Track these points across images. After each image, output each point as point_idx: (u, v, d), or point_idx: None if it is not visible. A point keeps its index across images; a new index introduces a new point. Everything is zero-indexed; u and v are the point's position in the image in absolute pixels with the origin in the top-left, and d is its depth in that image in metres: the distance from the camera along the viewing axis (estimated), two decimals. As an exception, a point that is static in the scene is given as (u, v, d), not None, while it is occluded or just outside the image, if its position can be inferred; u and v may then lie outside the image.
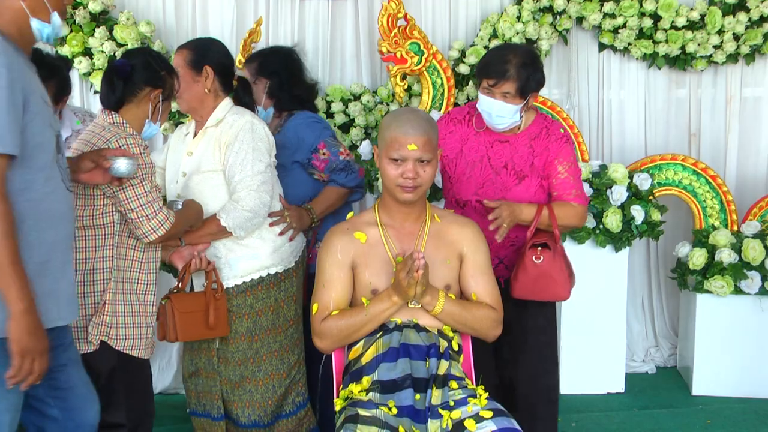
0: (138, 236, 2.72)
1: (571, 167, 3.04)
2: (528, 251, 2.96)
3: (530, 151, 3.05)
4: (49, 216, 2.21)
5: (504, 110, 2.95)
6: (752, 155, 4.96)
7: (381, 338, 2.56)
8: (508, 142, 3.06)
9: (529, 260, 2.96)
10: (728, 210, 4.51)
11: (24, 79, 2.11)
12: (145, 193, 2.68)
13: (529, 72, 2.93)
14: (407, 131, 2.52)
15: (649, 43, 4.73)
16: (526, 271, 2.97)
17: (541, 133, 3.05)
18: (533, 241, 2.97)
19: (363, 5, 4.65)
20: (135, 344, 2.77)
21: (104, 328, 2.70)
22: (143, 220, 2.68)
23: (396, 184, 2.57)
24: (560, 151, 3.03)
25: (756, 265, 4.25)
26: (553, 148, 3.03)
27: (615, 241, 4.24)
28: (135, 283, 2.79)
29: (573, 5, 4.62)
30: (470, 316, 2.62)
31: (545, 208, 2.98)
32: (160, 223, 2.71)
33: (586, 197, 3.12)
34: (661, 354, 4.96)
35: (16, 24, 2.17)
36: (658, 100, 4.94)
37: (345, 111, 4.50)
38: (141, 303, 2.80)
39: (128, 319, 2.75)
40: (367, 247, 2.64)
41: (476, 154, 3.09)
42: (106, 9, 4.33)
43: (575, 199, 3.04)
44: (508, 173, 3.06)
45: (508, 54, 2.95)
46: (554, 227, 2.98)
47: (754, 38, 4.71)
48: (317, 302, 2.62)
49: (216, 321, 2.96)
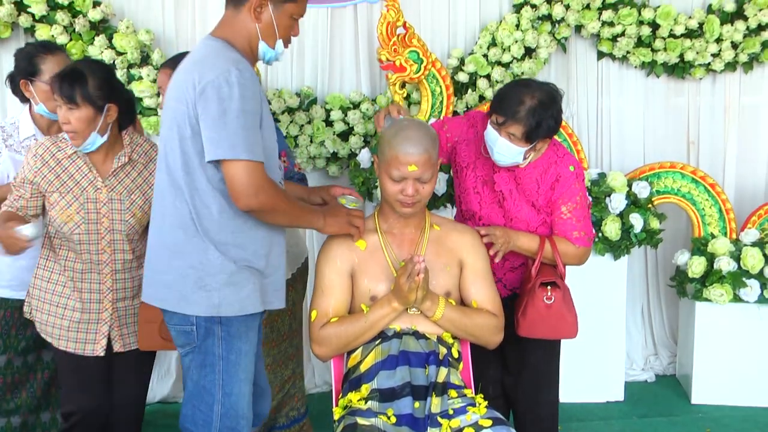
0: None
1: (576, 209, 2.91)
2: (538, 290, 2.86)
3: (536, 186, 2.93)
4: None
5: (506, 149, 2.81)
6: (751, 163, 4.97)
7: (380, 345, 2.56)
8: (514, 172, 2.93)
9: (540, 300, 2.85)
10: (727, 218, 4.51)
11: (261, 94, 2.42)
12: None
13: (541, 117, 2.73)
14: (408, 150, 2.51)
15: (647, 51, 4.74)
16: (537, 312, 2.86)
17: (549, 169, 2.91)
18: (540, 279, 2.87)
19: (362, 13, 4.66)
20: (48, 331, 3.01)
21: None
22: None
23: (395, 199, 2.58)
24: (565, 193, 2.89)
25: (755, 274, 4.25)
26: (558, 188, 2.90)
27: (614, 249, 4.24)
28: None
29: (572, 13, 4.63)
30: (470, 322, 2.61)
31: (547, 242, 2.90)
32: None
33: (590, 238, 2.97)
34: (661, 362, 4.95)
35: (249, 43, 2.48)
36: (657, 108, 4.94)
37: (344, 119, 4.50)
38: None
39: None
40: (367, 254, 2.64)
41: (483, 173, 3.01)
42: (106, 17, 4.34)
43: (576, 241, 2.93)
44: (513, 202, 2.96)
45: (524, 94, 2.76)
46: (558, 263, 2.91)
47: (752, 47, 4.72)
48: (316, 309, 2.62)
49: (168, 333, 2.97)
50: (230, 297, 2.45)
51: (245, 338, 2.51)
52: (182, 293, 2.45)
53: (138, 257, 2.99)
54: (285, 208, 2.42)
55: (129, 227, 2.95)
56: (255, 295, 2.49)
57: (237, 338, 2.49)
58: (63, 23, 4.21)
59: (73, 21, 4.24)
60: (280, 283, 2.59)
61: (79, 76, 2.79)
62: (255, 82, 2.39)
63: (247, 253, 2.46)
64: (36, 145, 2.94)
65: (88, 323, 2.97)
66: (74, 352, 2.97)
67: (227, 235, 2.43)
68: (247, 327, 2.51)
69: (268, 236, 2.50)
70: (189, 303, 2.45)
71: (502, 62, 4.59)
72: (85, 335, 2.97)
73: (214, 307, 2.44)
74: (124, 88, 3.05)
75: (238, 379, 2.51)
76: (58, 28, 4.20)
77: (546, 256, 2.91)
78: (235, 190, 2.34)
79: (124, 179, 2.97)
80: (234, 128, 2.30)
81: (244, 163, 2.30)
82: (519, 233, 2.91)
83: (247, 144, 2.31)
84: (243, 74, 2.34)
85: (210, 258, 2.43)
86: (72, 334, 2.97)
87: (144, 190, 2.99)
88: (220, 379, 2.49)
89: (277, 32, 2.49)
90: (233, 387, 2.50)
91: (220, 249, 2.42)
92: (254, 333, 2.56)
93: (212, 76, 2.32)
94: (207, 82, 2.32)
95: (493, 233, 2.82)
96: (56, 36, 4.20)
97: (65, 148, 2.92)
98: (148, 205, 2.94)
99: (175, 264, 2.47)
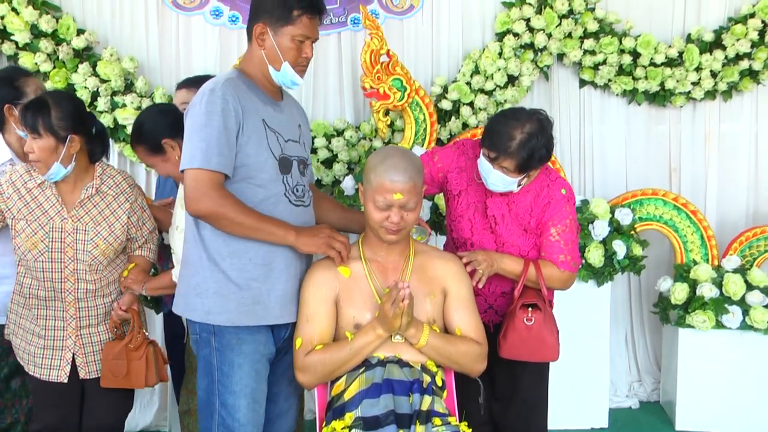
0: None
1: (565, 231, 2.93)
2: (519, 312, 2.88)
3: (529, 210, 2.96)
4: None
5: (500, 180, 2.84)
6: (732, 190, 5.01)
7: (364, 374, 2.55)
8: (507, 197, 2.96)
9: (520, 322, 2.87)
10: (709, 245, 4.54)
11: (242, 109, 2.52)
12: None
13: (533, 148, 2.75)
14: (393, 178, 2.52)
15: (628, 80, 4.79)
16: (516, 333, 2.88)
17: (541, 192, 2.95)
18: (522, 300, 2.90)
19: (346, 41, 4.69)
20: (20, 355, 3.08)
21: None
22: None
23: (380, 226, 2.58)
24: (556, 214, 2.92)
25: (737, 300, 4.27)
26: (550, 209, 2.92)
27: (597, 275, 4.26)
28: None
29: (554, 42, 4.67)
30: (454, 350, 2.61)
31: (531, 265, 2.91)
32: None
33: (576, 264, 2.98)
34: (645, 389, 4.96)
35: (261, 70, 2.65)
36: (639, 135, 4.98)
37: (328, 146, 4.51)
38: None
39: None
40: (351, 282, 2.64)
41: (476, 199, 3.03)
42: (90, 45, 4.34)
43: (561, 265, 2.93)
44: (505, 227, 2.98)
45: (513, 127, 2.77)
46: (542, 286, 2.91)
47: (731, 75, 4.78)
48: (300, 337, 2.61)
49: (130, 371, 3.04)
50: (218, 307, 2.57)
51: (237, 351, 2.58)
52: (186, 299, 2.65)
53: (103, 286, 3.04)
54: (234, 218, 2.49)
55: (92, 258, 2.98)
56: (246, 308, 2.56)
57: (229, 350, 2.58)
58: (47, 51, 4.21)
59: (57, 49, 4.24)
60: (283, 296, 2.63)
61: (42, 107, 2.84)
62: (235, 99, 2.51)
63: (242, 262, 2.56)
64: (11, 171, 3.00)
65: (53, 350, 3.01)
66: (39, 377, 3.01)
67: (220, 244, 2.55)
68: (239, 340, 2.58)
69: (267, 247, 2.58)
70: (189, 308, 2.63)
71: (485, 90, 4.63)
72: (50, 361, 3.01)
73: (206, 313, 2.58)
74: (94, 120, 3.07)
75: (231, 391, 2.58)
76: (41, 55, 4.20)
77: (531, 279, 2.92)
78: (185, 197, 2.51)
79: (91, 210, 2.99)
80: (195, 141, 2.47)
81: (194, 171, 2.47)
82: (503, 255, 2.93)
83: (204, 155, 2.46)
84: (215, 93, 2.49)
85: (204, 266, 2.57)
86: (38, 360, 3.01)
87: (111, 222, 3.02)
88: (215, 388, 2.61)
89: (280, 55, 2.59)
90: (227, 398, 2.59)
91: (213, 258, 2.56)
92: (249, 347, 2.60)
93: (195, 97, 2.56)
94: (190, 104, 2.57)
95: (474, 258, 2.83)
96: (39, 63, 4.20)
97: (36, 177, 2.96)
98: (113, 237, 3.02)
99: (183, 272, 2.69)
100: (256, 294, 2.58)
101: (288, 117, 2.74)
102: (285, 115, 2.73)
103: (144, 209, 3.15)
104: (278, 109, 2.70)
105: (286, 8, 2.56)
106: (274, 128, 2.64)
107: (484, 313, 3.06)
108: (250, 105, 2.57)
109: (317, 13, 2.61)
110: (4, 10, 4.14)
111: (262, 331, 2.63)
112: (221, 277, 2.56)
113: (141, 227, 3.13)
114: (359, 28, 4.62)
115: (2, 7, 4.14)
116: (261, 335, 2.63)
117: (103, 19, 4.47)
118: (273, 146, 2.61)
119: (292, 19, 2.56)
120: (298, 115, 2.85)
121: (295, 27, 2.57)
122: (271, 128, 2.63)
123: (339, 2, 4.65)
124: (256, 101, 2.61)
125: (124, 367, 3.03)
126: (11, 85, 3.20)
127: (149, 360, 3.08)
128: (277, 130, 2.65)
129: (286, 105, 2.78)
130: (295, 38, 2.58)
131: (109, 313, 3.09)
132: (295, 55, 2.60)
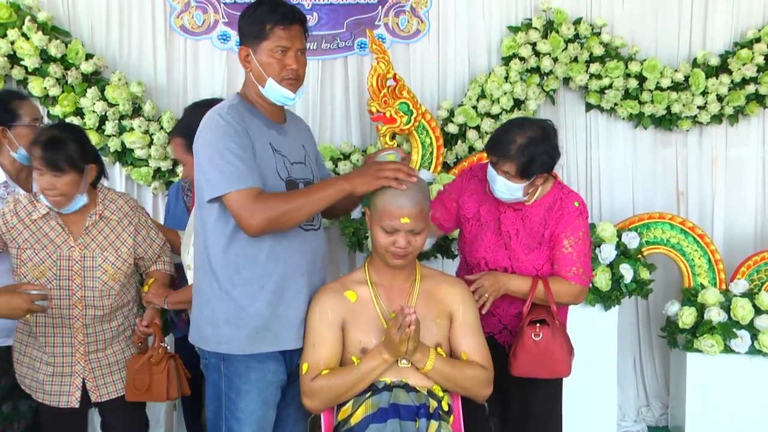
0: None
1: (578, 243, 2.94)
2: (527, 328, 2.89)
3: (542, 223, 2.97)
4: (275, 249, 2.58)
5: (505, 187, 2.88)
6: (739, 214, 5.00)
7: (370, 398, 2.54)
8: (521, 211, 3.00)
9: (528, 338, 2.88)
10: (716, 269, 4.52)
11: (249, 130, 2.55)
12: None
13: (533, 154, 2.81)
14: (400, 203, 2.52)
15: (635, 104, 4.79)
16: (525, 349, 2.89)
17: (554, 205, 2.97)
18: (531, 317, 2.91)
19: (352, 65, 4.72)
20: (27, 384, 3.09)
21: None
22: None
23: (387, 250, 2.58)
24: (569, 225, 2.93)
25: (745, 324, 4.25)
26: (563, 221, 2.94)
27: (604, 299, 4.24)
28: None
29: (560, 66, 4.69)
30: (460, 374, 2.60)
31: (540, 282, 2.92)
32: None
33: (588, 277, 2.99)
34: (653, 413, 4.92)
35: (254, 91, 2.67)
36: (646, 159, 4.98)
37: (335, 170, 4.53)
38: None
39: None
40: (357, 306, 2.63)
41: (490, 217, 3.06)
42: (98, 69, 4.38)
43: (573, 278, 2.95)
44: (519, 242, 2.99)
45: (515, 132, 2.84)
46: (551, 302, 2.92)
47: (737, 100, 4.79)
48: (307, 362, 2.60)
49: (152, 384, 3.05)
50: (228, 335, 2.58)
51: (245, 378, 2.59)
52: (199, 328, 2.67)
53: (112, 311, 3.05)
54: (288, 210, 2.50)
55: (101, 284, 3.00)
56: (257, 335, 2.58)
57: (237, 377, 2.60)
58: (56, 75, 4.24)
59: (66, 73, 4.27)
60: (293, 322, 2.64)
61: (58, 142, 2.84)
62: (241, 124, 2.53)
63: (253, 290, 2.57)
64: (15, 201, 2.99)
65: (62, 376, 3.01)
66: (50, 404, 3.00)
67: (232, 272, 2.56)
68: (247, 367, 2.59)
69: (277, 272, 2.59)
70: (202, 338, 2.66)
71: (491, 114, 4.64)
72: (59, 387, 3.01)
73: (217, 343, 2.61)
74: (93, 145, 3.12)
75: (237, 417, 2.59)
76: (50, 80, 4.23)
77: (539, 297, 2.93)
78: (237, 220, 2.50)
79: (96, 236, 3.01)
80: (221, 165, 2.47)
81: (233, 194, 2.47)
82: (510, 276, 2.95)
83: (237, 176, 2.47)
84: (223, 117, 2.52)
85: (215, 296, 2.59)
86: (47, 387, 3.01)
87: (117, 246, 3.03)
88: (223, 413, 2.63)
89: (263, 72, 2.60)
90: (233, 424, 2.61)
91: (224, 287, 2.57)
92: (257, 374, 2.61)
93: (202, 125, 2.59)
94: (199, 131, 2.58)
95: (480, 284, 2.86)
96: (48, 88, 4.23)
97: (40, 209, 2.96)
98: (120, 261, 3.03)
99: (196, 301, 2.70)
100: (267, 321, 2.59)
101: (293, 139, 2.75)
102: (289, 137, 2.73)
103: (150, 226, 3.18)
104: (282, 132, 2.71)
105: (259, 25, 2.57)
106: (280, 151, 2.65)
107: (499, 334, 3.06)
108: (255, 129, 2.59)
109: (291, 23, 2.59)
110: (14, 35, 4.18)
111: (272, 358, 2.63)
112: (232, 306, 2.57)
113: (151, 244, 3.15)
114: (366, 53, 4.64)
115: (12, 33, 4.18)
116: (270, 363, 2.62)
117: (111, 43, 4.51)
118: (280, 169, 2.62)
119: (266, 34, 2.57)
120: (302, 134, 2.86)
121: (270, 41, 2.57)
122: (278, 151, 2.64)
123: (346, 27, 4.68)
124: (260, 125, 2.63)
125: (147, 380, 3.04)
126: (4, 107, 3.22)
127: (171, 373, 3.09)
128: (283, 152, 2.66)
129: (290, 126, 2.78)
130: (273, 52, 2.58)
131: (118, 336, 3.10)
132: (277, 69, 2.59)
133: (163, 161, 4.40)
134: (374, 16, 4.68)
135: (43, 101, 4.33)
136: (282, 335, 2.62)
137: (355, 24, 4.68)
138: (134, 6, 4.54)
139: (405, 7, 4.71)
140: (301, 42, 2.63)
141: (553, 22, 4.70)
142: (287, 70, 2.60)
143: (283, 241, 2.60)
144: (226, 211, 2.53)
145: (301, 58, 2.64)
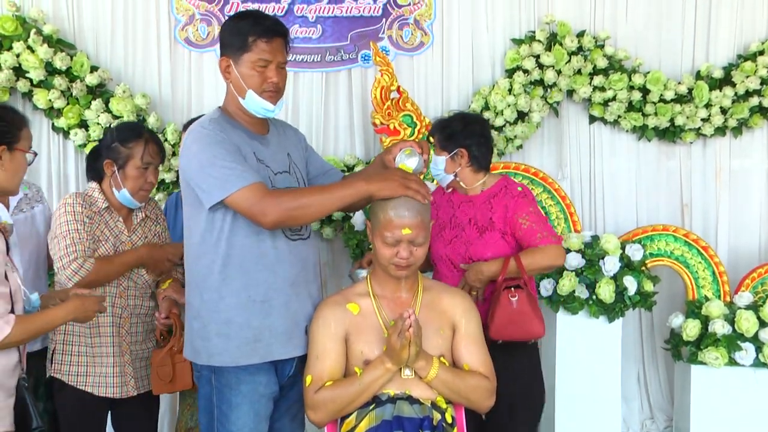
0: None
1: (532, 216, 3.12)
2: (503, 292, 3.01)
3: (489, 207, 3.16)
4: (263, 259, 2.57)
5: (434, 163, 3.20)
6: (743, 226, 5.00)
7: (374, 411, 2.53)
8: (472, 202, 3.20)
9: (505, 299, 3.00)
10: (720, 281, 4.52)
11: (233, 140, 2.56)
12: (66, 246, 2.93)
13: (458, 128, 3.18)
14: (402, 214, 2.53)
15: (638, 116, 4.80)
16: (502, 310, 2.99)
17: (499, 192, 3.18)
18: (505, 283, 3.03)
19: (356, 77, 4.73)
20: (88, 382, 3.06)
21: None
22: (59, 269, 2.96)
23: (390, 262, 2.58)
24: (518, 207, 3.12)
25: (750, 337, 4.24)
26: (511, 205, 3.12)
27: (608, 311, 4.23)
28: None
29: (563, 78, 4.70)
30: (464, 384, 2.59)
31: (512, 260, 3.05)
32: (74, 271, 2.91)
33: (555, 237, 3.16)
34: (657, 426, 4.90)
35: (235, 103, 2.66)
36: (649, 171, 4.99)
37: (338, 182, 4.53)
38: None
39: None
40: (360, 318, 2.63)
41: (446, 215, 3.23)
42: (103, 82, 4.40)
43: (542, 241, 3.10)
44: (471, 228, 3.16)
45: (456, 115, 3.33)
46: (522, 273, 3.05)
47: (741, 112, 4.79)
48: (310, 374, 2.60)
49: (175, 374, 3.09)
50: (219, 348, 2.57)
51: (236, 391, 2.58)
52: (191, 343, 2.67)
53: (144, 302, 3.15)
54: (303, 203, 2.52)
55: (144, 280, 3.12)
56: (247, 347, 2.57)
57: (228, 389, 2.59)
58: (61, 88, 4.26)
59: (71, 85, 4.29)
60: (283, 333, 2.63)
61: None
62: (223, 129, 2.57)
63: (240, 299, 2.56)
64: (72, 199, 3.02)
65: (121, 366, 3.06)
66: (112, 396, 3.03)
67: (219, 283, 2.56)
68: (238, 380, 2.58)
69: (266, 282, 2.58)
70: (194, 352, 2.65)
71: (495, 126, 4.65)
72: (120, 379, 3.05)
73: (209, 356, 2.60)
74: None
75: (228, 430, 2.58)
76: (55, 92, 4.25)
77: (512, 271, 3.06)
78: (252, 220, 2.51)
79: (146, 233, 3.16)
80: (217, 171, 2.47)
81: (236, 194, 2.46)
82: (485, 263, 3.09)
83: (236, 175, 2.47)
84: (206, 128, 2.55)
85: (204, 309, 2.59)
86: (109, 380, 3.03)
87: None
88: (215, 426, 2.62)
89: (243, 84, 2.60)
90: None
91: (212, 299, 2.57)
92: (248, 387, 2.59)
93: (186, 139, 2.61)
94: (184, 145, 2.61)
95: (464, 281, 3.07)
96: (53, 100, 4.25)
97: (96, 203, 3.06)
98: None
99: (187, 315, 2.71)
100: (257, 332, 2.58)
101: (276, 148, 2.73)
102: (272, 147, 2.71)
103: (167, 230, 3.32)
104: (265, 143, 2.70)
105: (241, 36, 2.57)
106: (263, 161, 2.64)
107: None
108: (237, 141, 2.58)
109: (274, 36, 2.59)
110: (20, 48, 4.21)
111: (263, 370, 2.62)
112: (221, 318, 2.57)
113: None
114: (369, 65, 4.66)
115: (18, 45, 4.20)
116: (261, 375, 2.61)
117: (116, 56, 4.54)
118: (264, 180, 2.61)
119: (248, 46, 2.56)
120: (287, 141, 2.82)
121: (252, 53, 2.57)
122: (261, 161, 2.64)
123: (350, 39, 4.70)
124: (243, 137, 2.63)
125: (170, 371, 3.07)
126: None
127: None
128: (267, 164, 2.65)
129: (273, 136, 2.76)
130: (255, 64, 2.57)
131: (147, 331, 3.16)
132: (258, 81, 2.59)
133: (167, 173, 4.41)
134: (378, 29, 4.70)
135: (48, 113, 4.35)
136: (272, 346, 2.60)
137: (359, 36, 4.69)
138: (139, 19, 4.57)
139: (409, 19, 4.73)
140: (282, 56, 2.63)
141: (557, 34, 4.72)
142: (268, 83, 2.60)
143: (271, 251, 2.59)
144: (213, 223, 2.54)
145: (282, 72, 2.64)
